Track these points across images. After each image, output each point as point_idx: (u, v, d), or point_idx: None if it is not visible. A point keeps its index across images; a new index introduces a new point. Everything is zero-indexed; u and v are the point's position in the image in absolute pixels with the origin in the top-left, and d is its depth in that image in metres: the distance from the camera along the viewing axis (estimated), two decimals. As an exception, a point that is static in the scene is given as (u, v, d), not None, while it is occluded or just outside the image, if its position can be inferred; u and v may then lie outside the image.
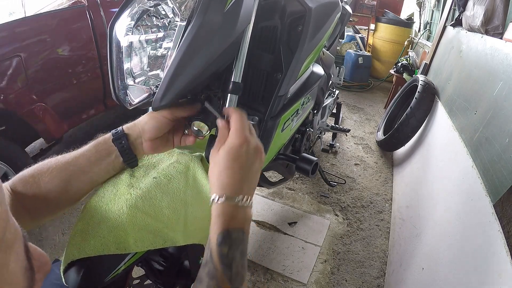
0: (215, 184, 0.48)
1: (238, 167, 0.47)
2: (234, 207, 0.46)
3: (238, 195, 0.46)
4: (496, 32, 1.60)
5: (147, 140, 0.55)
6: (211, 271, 0.43)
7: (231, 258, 0.43)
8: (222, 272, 0.42)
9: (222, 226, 0.45)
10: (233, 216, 0.46)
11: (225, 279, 0.42)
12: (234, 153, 0.48)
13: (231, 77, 0.59)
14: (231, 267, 0.43)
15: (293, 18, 0.71)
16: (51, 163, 0.51)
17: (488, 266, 0.75)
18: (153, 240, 0.52)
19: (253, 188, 0.50)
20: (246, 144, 0.48)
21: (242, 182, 0.47)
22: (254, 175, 0.50)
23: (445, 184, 1.28)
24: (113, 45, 0.55)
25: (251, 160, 0.49)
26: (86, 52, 1.81)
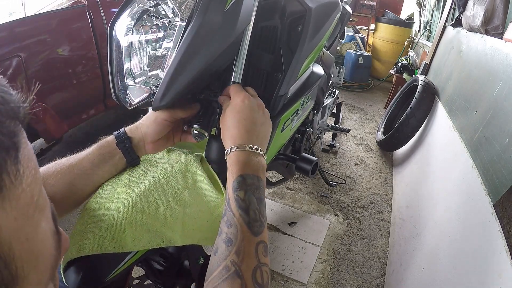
0: (226, 140, 0.51)
1: (243, 119, 0.51)
2: (246, 155, 0.48)
3: (247, 144, 0.49)
4: (496, 32, 1.60)
5: (149, 143, 0.57)
6: (229, 219, 0.43)
7: (248, 202, 0.44)
8: (239, 217, 0.43)
9: (237, 172, 0.47)
10: (246, 163, 0.48)
11: (243, 223, 0.42)
12: (236, 108, 0.52)
13: (231, 77, 0.59)
14: (248, 212, 0.44)
15: (293, 18, 0.71)
16: (56, 166, 0.51)
17: (488, 266, 0.75)
18: (151, 239, 0.52)
19: (262, 139, 0.53)
20: (247, 99, 0.53)
21: (249, 133, 0.50)
22: (261, 128, 0.53)
23: (445, 184, 1.28)
24: (113, 45, 0.55)
25: (255, 113, 0.53)
26: (86, 52, 1.81)
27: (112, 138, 0.55)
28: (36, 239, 0.19)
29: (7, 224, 0.16)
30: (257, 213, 0.44)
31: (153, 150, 0.58)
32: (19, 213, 0.17)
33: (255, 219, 0.43)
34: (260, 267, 0.40)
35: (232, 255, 0.40)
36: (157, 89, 0.52)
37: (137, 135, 0.56)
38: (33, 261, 0.18)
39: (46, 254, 0.20)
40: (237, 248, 0.40)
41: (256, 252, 0.41)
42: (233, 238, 0.41)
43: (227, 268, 0.39)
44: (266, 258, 0.42)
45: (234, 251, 0.40)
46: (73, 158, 0.53)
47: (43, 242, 0.20)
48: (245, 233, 0.42)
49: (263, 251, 0.42)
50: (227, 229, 0.43)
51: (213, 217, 0.60)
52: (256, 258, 0.41)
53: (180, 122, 0.60)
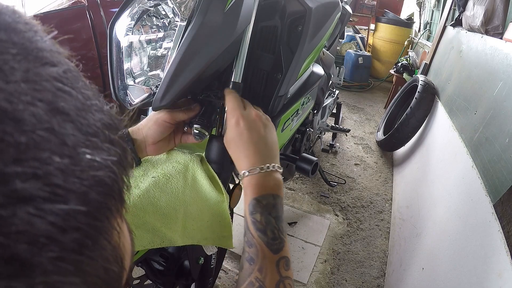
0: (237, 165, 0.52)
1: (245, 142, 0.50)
2: (258, 177, 0.49)
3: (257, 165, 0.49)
4: (496, 32, 1.60)
5: (150, 144, 0.57)
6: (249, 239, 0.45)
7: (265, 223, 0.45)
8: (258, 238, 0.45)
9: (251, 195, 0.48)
10: (259, 185, 0.48)
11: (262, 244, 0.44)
12: (234, 133, 0.51)
13: (231, 77, 0.59)
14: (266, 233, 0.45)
15: (293, 18, 0.70)
16: None
17: (488, 266, 0.75)
18: (151, 239, 0.52)
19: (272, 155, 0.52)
20: (241, 119, 0.51)
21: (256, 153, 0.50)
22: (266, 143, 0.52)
23: (445, 184, 1.28)
24: (113, 45, 0.55)
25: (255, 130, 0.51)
26: (86, 52, 1.81)
27: None
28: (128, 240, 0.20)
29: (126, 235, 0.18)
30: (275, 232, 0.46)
31: (154, 152, 0.58)
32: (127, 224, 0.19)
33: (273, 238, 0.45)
34: (283, 281, 0.43)
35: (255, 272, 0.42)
36: (157, 89, 0.52)
37: (139, 136, 0.56)
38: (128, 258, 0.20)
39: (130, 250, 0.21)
40: (259, 266, 0.43)
41: (277, 268, 0.43)
42: (254, 257, 0.44)
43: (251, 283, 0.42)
44: (288, 271, 0.44)
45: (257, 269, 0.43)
46: None
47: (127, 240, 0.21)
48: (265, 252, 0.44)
49: (284, 265, 0.44)
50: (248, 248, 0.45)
51: (213, 217, 0.60)
52: (278, 274, 0.43)
53: (181, 124, 0.60)
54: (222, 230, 0.62)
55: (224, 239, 0.63)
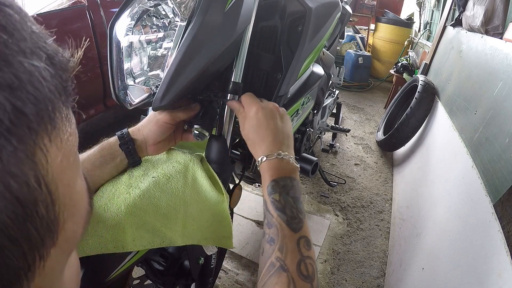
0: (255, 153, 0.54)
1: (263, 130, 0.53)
2: (275, 161, 0.51)
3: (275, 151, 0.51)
4: (496, 32, 1.60)
5: (151, 145, 0.57)
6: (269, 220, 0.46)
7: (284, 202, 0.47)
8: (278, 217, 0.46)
9: (269, 178, 0.50)
10: (277, 168, 0.50)
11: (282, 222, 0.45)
12: (253, 121, 0.54)
13: (231, 77, 0.59)
14: (285, 211, 0.46)
15: (293, 18, 0.71)
16: None
17: (488, 266, 0.75)
18: (151, 239, 0.52)
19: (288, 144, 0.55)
20: (260, 109, 0.55)
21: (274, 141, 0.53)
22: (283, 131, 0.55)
23: (445, 184, 1.28)
24: (113, 45, 0.55)
25: (272, 121, 0.55)
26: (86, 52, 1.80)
27: (114, 140, 0.55)
28: (75, 188, 0.20)
29: (56, 163, 0.17)
30: (294, 211, 0.47)
31: (155, 151, 0.59)
32: (64, 156, 0.18)
33: (292, 216, 0.46)
34: (304, 260, 0.43)
35: (276, 252, 0.43)
36: (157, 89, 0.52)
37: (139, 137, 0.57)
38: (72, 208, 0.19)
39: (82, 205, 0.21)
40: (280, 245, 0.43)
41: (298, 247, 0.43)
42: (274, 237, 0.44)
43: (272, 264, 0.42)
44: (309, 251, 0.44)
45: (277, 248, 0.43)
46: None
47: (80, 194, 0.21)
48: (285, 231, 0.44)
49: (305, 245, 0.44)
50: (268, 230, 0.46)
51: (213, 217, 0.60)
52: (299, 252, 0.43)
53: (181, 122, 0.60)
54: (222, 230, 0.62)
55: (224, 239, 0.63)
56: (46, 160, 0.16)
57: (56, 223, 0.18)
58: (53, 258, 0.18)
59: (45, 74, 0.17)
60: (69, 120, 0.19)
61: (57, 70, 0.18)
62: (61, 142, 0.18)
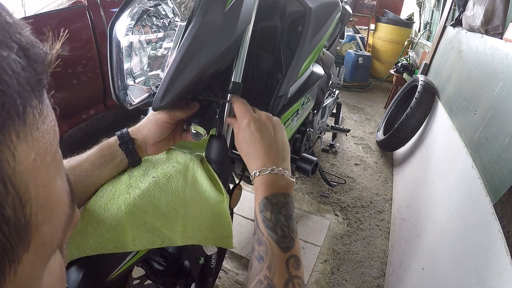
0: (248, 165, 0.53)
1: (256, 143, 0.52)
2: (269, 177, 0.50)
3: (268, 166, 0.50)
4: (496, 32, 1.60)
5: (151, 145, 0.57)
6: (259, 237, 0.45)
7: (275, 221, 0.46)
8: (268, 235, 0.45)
9: (262, 194, 0.48)
10: (270, 184, 0.49)
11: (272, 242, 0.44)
12: (246, 133, 0.53)
13: (231, 77, 0.59)
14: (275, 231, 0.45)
15: (293, 18, 0.71)
16: None
17: (488, 266, 0.75)
18: (151, 239, 0.52)
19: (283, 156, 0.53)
20: (252, 120, 0.53)
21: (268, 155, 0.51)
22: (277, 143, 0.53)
23: (445, 184, 1.28)
24: (113, 45, 0.55)
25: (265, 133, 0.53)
26: (86, 52, 1.81)
27: (114, 140, 0.55)
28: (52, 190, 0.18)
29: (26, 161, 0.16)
30: (285, 230, 0.46)
31: (155, 151, 0.59)
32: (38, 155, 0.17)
33: (283, 235, 0.45)
34: (292, 280, 0.42)
35: (264, 270, 0.42)
36: (157, 89, 0.52)
37: (139, 137, 0.56)
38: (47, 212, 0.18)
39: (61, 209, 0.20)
40: (268, 264, 0.43)
41: (287, 267, 0.43)
42: (263, 255, 0.44)
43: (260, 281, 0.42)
44: (298, 271, 0.44)
45: (266, 267, 0.43)
46: (73, 159, 0.53)
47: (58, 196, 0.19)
48: (274, 250, 0.44)
49: (294, 264, 0.44)
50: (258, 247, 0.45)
51: (213, 217, 0.60)
52: (287, 272, 0.43)
53: (180, 121, 0.60)
54: (222, 230, 0.62)
55: (224, 239, 0.63)
56: (14, 159, 0.15)
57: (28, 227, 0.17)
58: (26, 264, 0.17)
59: (15, 66, 0.16)
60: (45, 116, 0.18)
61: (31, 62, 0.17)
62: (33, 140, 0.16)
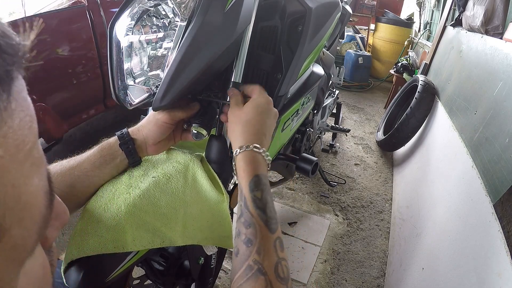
0: (240, 135, 0.51)
1: (263, 121, 0.52)
2: (260, 155, 0.49)
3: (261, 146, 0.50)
4: (496, 32, 1.60)
5: (151, 145, 0.57)
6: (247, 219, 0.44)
7: (265, 202, 0.45)
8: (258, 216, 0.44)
9: (253, 172, 0.47)
10: (260, 163, 0.49)
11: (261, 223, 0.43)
12: (261, 108, 0.53)
13: (231, 77, 0.59)
14: (265, 211, 0.44)
15: (293, 18, 0.71)
16: (56, 168, 0.51)
17: (488, 266, 0.75)
18: (151, 239, 0.52)
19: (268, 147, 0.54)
20: (271, 104, 0.55)
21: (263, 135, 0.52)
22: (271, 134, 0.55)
23: (445, 184, 1.28)
24: (113, 45, 0.55)
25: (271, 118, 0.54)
26: (86, 52, 1.81)
27: (114, 140, 0.55)
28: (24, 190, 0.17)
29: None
30: (272, 211, 0.45)
31: (155, 151, 0.59)
32: (6, 153, 0.16)
33: (271, 217, 0.45)
34: (280, 262, 0.42)
35: (254, 255, 0.41)
36: (157, 89, 0.52)
37: (139, 137, 0.56)
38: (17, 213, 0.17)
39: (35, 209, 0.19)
40: (258, 247, 0.42)
41: (275, 248, 0.42)
42: (252, 238, 0.43)
43: (250, 267, 0.41)
44: (283, 253, 0.43)
45: (255, 251, 0.42)
46: (73, 159, 0.53)
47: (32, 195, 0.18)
48: (263, 232, 0.43)
49: (280, 246, 0.43)
50: (245, 230, 0.44)
51: (213, 217, 0.60)
52: (275, 254, 0.42)
53: (181, 121, 0.60)
54: (222, 230, 0.62)
55: (224, 239, 0.63)
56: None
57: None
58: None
59: None
60: (13, 110, 0.16)
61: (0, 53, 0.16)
62: None
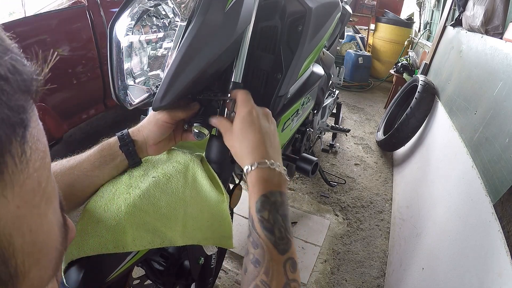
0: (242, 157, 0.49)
1: (256, 132, 0.49)
2: (267, 171, 0.47)
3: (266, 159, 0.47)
4: (496, 32, 1.60)
5: (151, 145, 0.57)
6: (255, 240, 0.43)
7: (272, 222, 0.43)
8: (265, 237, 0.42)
9: (259, 192, 0.45)
10: (268, 180, 0.46)
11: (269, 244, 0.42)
12: (247, 120, 0.50)
13: (231, 77, 0.59)
14: (273, 232, 0.43)
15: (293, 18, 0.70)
16: (56, 168, 0.51)
17: (488, 266, 0.75)
18: (151, 239, 0.52)
19: (277, 153, 0.51)
20: (254, 109, 0.51)
21: (265, 146, 0.49)
22: (274, 138, 0.52)
23: (445, 184, 1.28)
24: (113, 45, 0.55)
25: (265, 123, 0.51)
26: (86, 52, 1.81)
27: (114, 140, 0.55)
28: (40, 231, 0.17)
29: (8, 214, 0.14)
30: (282, 231, 0.43)
31: (156, 151, 0.59)
32: (23, 201, 0.15)
33: (280, 237, 0.43)
34: (289, 284, 0.41)
35: (261, 275, 0.40)
36: (157, 89, 0.52)
37: (140, 137, 0.56)
38: (35, 255, 0.17)
39: (51, 248, 0.18)
40: (266, 269, 0.41)
41: (284, 270, 0.41)
42: (260, 259, 0.42)
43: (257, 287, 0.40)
44: (294, 274, 0.42)
45: (263, 272, 0.41)
46: (73, 159, 0.53)
47: (48, 235, 0.18)
48: (272, 253, 0.42)
49: (290, 267, 0.42)
50: (253, 250, 0.43)
51: (213, 217, 0.60)
52: (285, 276, 0.41)
53: (181, 121, 0.60)
54: (222, 230, 0.62)
55: (224, 239, 0.63)
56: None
57: (14, 279, 0.15)
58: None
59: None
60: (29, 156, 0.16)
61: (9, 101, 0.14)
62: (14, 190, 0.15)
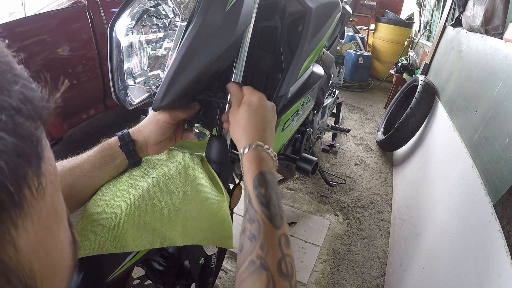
0: (243, 136, 0.52)
1: (260, 118, 0.53)
2: (263, 153, 0.50)
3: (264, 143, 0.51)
4: (496, 32, 1.60)
5: (152, 145, 0.57)
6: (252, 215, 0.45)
7: (269, 198, 0.46)
8: (261, 212, 0.44)
9: (257, 169, 0.48)
10: (264, 160, 0.49)
11: (265, 218, 0.44)
12: (255, 106, 0.53)
13: (231, 77, 0.59)
14: (269, 207, 0.45)
15: (293, 18, 0.70)
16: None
17: (488, 266, 0.75)
18: (152, 239, 0.52)
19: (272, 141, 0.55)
20: (263, 99, 0.55)
21: (265, 132, 0.53)
22: (272, 128, 0.56)
23: (445, 184, 1.28)
24: (113, 45, 0.55)
25: (269, 113, 0.55)
26: (86, 52, 1.81)
27: (115, 140, 0.55)
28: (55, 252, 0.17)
29: (28, 244, 0.15)
30: (276, 208, 0.46)
31: (156, 151, 0.59)
32: (41, 227, 0.15)
33: (275, 213, 0.45)
34: (284, 258, 0.42)
35: (257, 250, 0.42)
36: (157, 89, 0.52)
37: (140, 138, 0.56)
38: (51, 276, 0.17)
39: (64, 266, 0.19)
40: (261, 243, 0.42)
41: (279, 245, 0.43)
42: (256, 233, 0.43)
43: (252, 262, 0.41)
44: (288, 249, 0.44)
45: (259, 246, 0.42)
46: (74, 160, 0.53)
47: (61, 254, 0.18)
48: (267, 228, 0.43)
49: (285, 242, 0.44)
50: (250, 225, 0.44)
51: (213, 217, 0.60)
52: (280, 250, 0.42)
53: (181, 121, 0.60)
54: (222, 230, 0.62)
55: (224, 239, 0.63)
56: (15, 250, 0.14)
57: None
58: None
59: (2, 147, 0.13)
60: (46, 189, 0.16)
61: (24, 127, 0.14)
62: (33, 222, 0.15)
